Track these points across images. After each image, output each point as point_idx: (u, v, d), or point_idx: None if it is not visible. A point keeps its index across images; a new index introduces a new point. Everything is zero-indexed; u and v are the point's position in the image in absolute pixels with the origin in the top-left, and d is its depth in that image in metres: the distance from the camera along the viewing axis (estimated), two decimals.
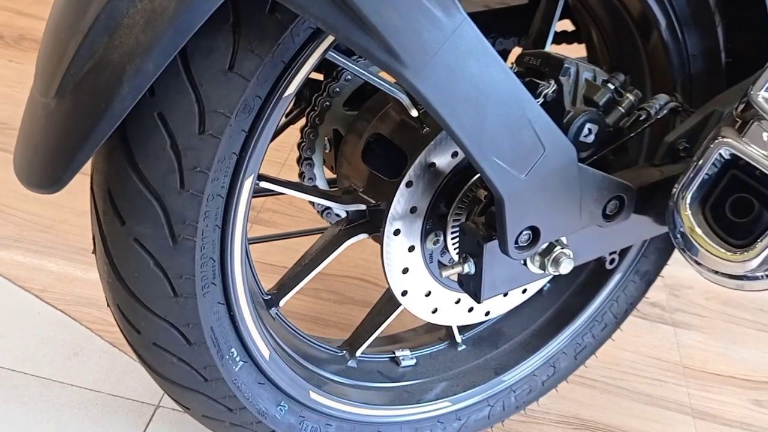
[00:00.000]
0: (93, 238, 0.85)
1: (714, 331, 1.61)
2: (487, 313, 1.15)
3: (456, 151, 0.97)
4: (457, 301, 1.11)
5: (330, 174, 1.17)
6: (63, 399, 1.23)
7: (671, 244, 0.89)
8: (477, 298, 0.94)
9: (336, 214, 1.17)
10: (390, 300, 1.12)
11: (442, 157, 0.96)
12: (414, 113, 0.97)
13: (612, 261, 1.17)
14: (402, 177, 0.96)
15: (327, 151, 1.13)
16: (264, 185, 0.97)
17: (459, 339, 1.24)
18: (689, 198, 0.85)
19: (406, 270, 1.03)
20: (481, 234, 0.90)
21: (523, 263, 0.92)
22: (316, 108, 1.09)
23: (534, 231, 0.87)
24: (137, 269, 0.83)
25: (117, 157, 0.77)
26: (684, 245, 0.86)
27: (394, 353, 1.20)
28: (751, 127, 0.80)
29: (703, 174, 0.84)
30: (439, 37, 0.70)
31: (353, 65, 0.92)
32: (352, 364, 1.14)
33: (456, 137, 0.77)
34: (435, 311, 1.10)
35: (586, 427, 1.36)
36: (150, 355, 0.92)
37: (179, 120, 0.75)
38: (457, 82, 0.73)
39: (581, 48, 1.23)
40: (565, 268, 0.91)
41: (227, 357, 0.93)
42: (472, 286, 0.94)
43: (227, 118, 0.76)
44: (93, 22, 0.66)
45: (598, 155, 0.93)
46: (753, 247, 0.81)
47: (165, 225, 0.80)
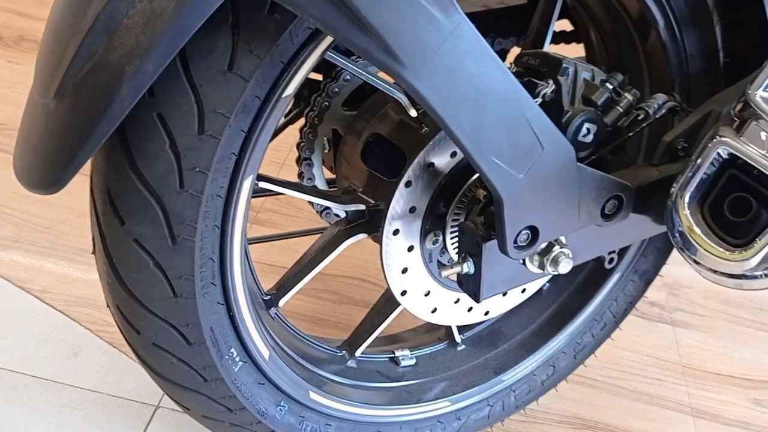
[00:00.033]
0: (92, 238, 0.85)
1: (713, 331, 1.61)
2: (487, 313, 1.15)
3: (455, 151, 0.97)
4: (457, 301, 1.11)
5: (329, 174, 1.17)
6: (63, 400, 1.23)
7: (670, 243, 0.89)
8: (476, 297, 0.94)
9: (335, 214, 1.17)
10: (389, 300, 1.12)
11: (441, 157, 0.96)
12: (413, 113, 0.97)
13: (611, 260, 1.16)
14: (401, 177, 0.96)
15: (326, 151, 1.13)
16: (263, 185, 0.97)
17: (458, 339, 1.24)
18: (688, 197, 0.85)
19: (405, 270, 1.03)
20: (480, 234, 0.90)
21: (522, 263, 0.92)
22: (315, 108, 1.08)
23: (533, 230, 0.87)
24: (137, 270, 0.83)
25: (116, 158, 0.77)
26: (682, 244, 0.86)
27: (393, 353, 1.20)
28: (749, 127, 0.81)
29: (702, 173, 0.84)
30: (438, 38, 0.70)
31: (352, 65, 0.92)
32: (351, 364, 1.14)
33: (455, 137, 0.77)
34: (434, 311, 1.10)
35: (585, 427, 1.36)
36: (150, 356, 0.92)
37: (178, 120, 0.75)
38: (456, 82, 0.73)
39: (580, 48, 1.23)
40: (564, 267, 0.91)
41: (227, 357, 0.93)
42: (471, 285, 0.94)
43: (226, 118, 0.76)
44: (92, 23, 0.66)
45: (596, 155, 0.93)
46: (751, 246, 0.82)
47: (164, 225, 0.80)
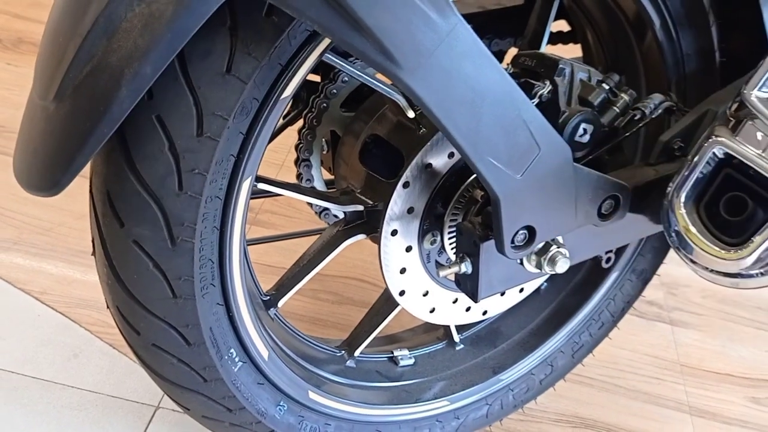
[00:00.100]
0: (92, 240, 0.86)
1: (711, 330, 1.61)
2: (485, 313, 1.15)
3: (452, 152, 0.97)
4: (455, 301, 1.11)
5: (328, 175, 1.17)
6: (63, 401, 1.23)
7: (667, 242, 0.90)
8: (474, 297, 0.94)
9: (334, 215, 1.17)
10: (388, 300, 1.12)
11: (438, 158, 0.97)
12: (411, 114, 0.97)
13: (608, 260, 1.17)
14: (399, 178, 0.96)
15: (324, 153, 1.13)
16: (262, 186, 0.98)
17: (457, 338, 1.24)
18: (684, 197, 0.85)
19: (403, 270, 1.03)
20: (478, 234, 0.90)
21: (520, 263, 0.93)
22: (313, 110, 1.09)
23: (530, 230, 0.88)
24: (136, 271, 0.83)
25: (116, 160, 0.77)
26: (679, 244, 0.86)
27: (392, 353, 1.20)
28: (745, 126, 0.81)
29: (698, 173, 0.84)
30: (435, 39, 0.71)
31: (350, 67, 0.92)
32: (350, 364, 1.15)
33: (451, 138, 0.77)
34: (433, 311, 1.10)
35: (584, 426, 1.36)
36: (149, 356, 0.92)
37: (177, 122, 0.75)
38: (453, 83, 0.73)
39: (577, 48, 1.24)
40: (562, 267, 0.92)
41: (226, 357, 0.94)
42: (469, 285, 0.95)
43: (225, 120, 0.76)
44: (91, 25, 0.66)
45: (593, 155, 0.93)
46: (747, 245, 0.82)
47: (164, 227, 0.80)
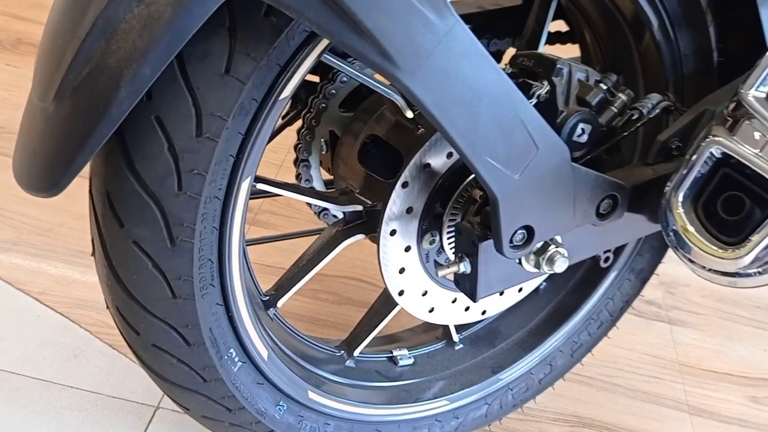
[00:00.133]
0: (92, 240, 0.86)
1: (710, 329, 1.61)
2: (484, 312, 1.15)
3: (451, 152, 0.97)
4: (454, 301, 1.11)
5: (327, 175, 1.17)
6: (63, 401, 1.23)
7: (665, 242, 0.90)
8: (473, 297, 0.95)
9: (333, 215, 1.18)
10: (387, 300, 1.12)
11: (437, 158, 0.97)
12: (409, 114, 0.97)
13: (606, 259, 1.17)
14: (398, 178, 0.96)
15: (323, 153, 1.13)
16: (261, 187, 0.98)
17: (456, 338, 1.24)
18: (681, 196, 0.85)
19: (402, 270, 1.04)
20: (477, 233, 0.90)
21: (518, 262, 0.93)
22: (312, 110, 1.09)
23: (528, 230, 0.88)
24: (136, 271, 0.83)
25: (115, 160, 0.77)
26: (677, 243, 0.87)
27: (391, 353, 1.21)
28: (742, 126, 0.81)
29: (695, 172, 0.85)
30: (432, 40, 0.71)
31: (348, 67, 0.92)
32: (350, 363, 1.15)
33: (450, 138, 0.77)
34: (432, 311, 1.10)
35: (583, 425, 1.36)
36: (149, 357, 0.92)
37: (176, 123, 0.75)
38: (451, 84, 0.74)
39: (575, 48, 1.24)
40: (560, 266, 0.92)
41: (226, 357, 0.94)
42: (468, 285, 0.95)
43: (224, 121, 0.76)
44: (90, 27, 0.66)
45: (591, 155, 0.94)
46: (745, 245, 0.82)
47: (163, 227, 0.80)
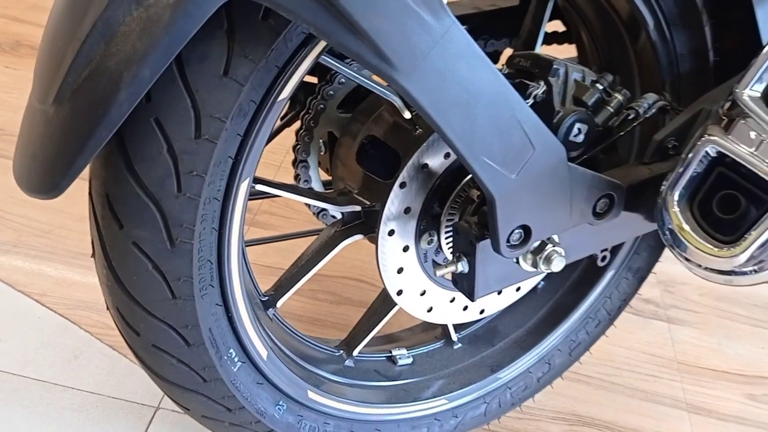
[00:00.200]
0: (92, 242, 0.86)
1: (708, 327, 1.61)
2: (482, 312, 1.16)
3: (448, 152, 0.98)
4: (452, 300, 1.11)
5: (325, 176, 1.18)
6: (64, 402, 1.24)
7: (662, 240, 0.91)
8: (471, 296, 0.95)
9: (332, 215, 1.18)
10: (386, 300, 1.13)
11: (434, 158, 0.97)
12: (407, 115, 0.97)
13: (603, 258, 1.17)
14: (396, 178, 0.97)
15: (322, 154, 1.14)
16: (260, 188, 0.98)
17: (455, 337, 1.25)
18: (677, 195, 0.86)
19: (401, 270, 1.04)
20: (474, 233, 0.91)
21: (516, 261, 0.93)
22: (310, 111, 1.09)
23: (525, 230, 0.88)
24: (136, 272, 0.84)
25: (115, 162, 0.77)
26: (673, 242, 0.87)
27: (390, 352, 1.21)
28: (737, 125, 0.81)
29: (691, 171, 0.85)
30: (429, 41, 0.71)
31: (346, 68, 0.93)
32: (349, 363, 1.15)
33: (447, 139, 0.78)
34: (430, 310, 1.11)
35: (581, 423, 1.36)
36: (149, 357, 0.93)
37: (175, 125, 0.76)
38: (447, 84, 0.74)
39: (573, 48, 1.24)
40: (557, 265, 0.92)
41: (226, 358, 0.94)
42: (466, 284, 0.95)
43: (223, 122, 0.77)
44: (90, 30, 0.67)
45: (588, 154, 0.94)
46: (740, 243, 0.82)
47: (163, 228, 0.81)
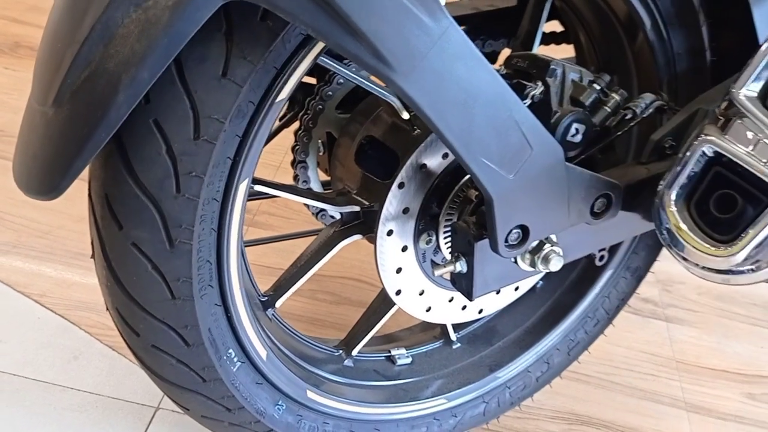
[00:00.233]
0: (91, 242, 0.86)
1: (707, 326, 1.62)
2: (481, 311, 1.16)
3: (446, 153, 0.98)
4: (451, 300, 1.12)
5: (324, 176, 1.18)
6: (64, 402, 1.24)
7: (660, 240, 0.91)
8: (469, 295, 0.95)
9: (330, 215, 1.18)
10: (385, 299, 1.13)
11: (433, 159, 0.98)
12: (405, 116, 0.98)
13: (601, 258, 1.17)
14: (394, 178, 0.97)
15: (321, 154, 1.14)
16: (259, 188, 0.99)
17: (454, 337, 1.25)
18: (674, 195, 0.86)
19: (399, 270, 1.04)
20: (472, 233, 0.91)
21: (514, 261, 0.93)
22: (309, 111, 1.09)
23: (523, 229, 0.88)
24: (135, 273, 0.84)
25: (114, 164, 0.78)
26: (670, 241, 0.87)
27: (389, 352, 1.21)
28: (734, 125, 0.82)
29: (688, 171, 0.85)
30: (427, 42, 0.72)
31: (344, 69, 0.93)
32: (348, 363, 1.15)
33: (445, 139, 0.78)
34: (429, 310, 1.11)
35: (580, 422, 1.37)
36: (149, 357, 0.93)
37: (174, 126, 0.76)
38: (445, 85, 0.74)
39: (571, 48, 1.25)
40: (555, 265, 0.93)
41: (225, 358, 0.94)
42: (464, 284, 0.95)
43: (221, 123, 0.77)
44: (89, 32, 0.67)
45: (585, 154, 0.94)
46: (737, 242, 0.82)
47: (162, 229, 0.81)
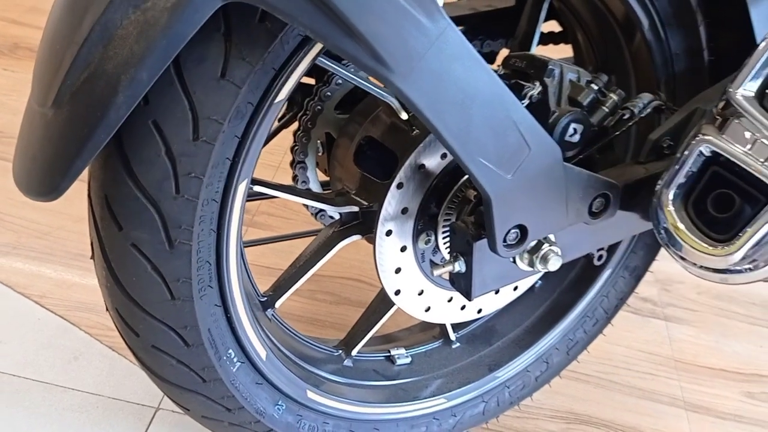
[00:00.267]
0: (91, 243, 0.86)
1: (705, 325, 1.62)
2: (480, 311, 1.16)
3: (445, 153, 0.98)
4: (450, 300, 1.12)
5: (323, 177, 1.18)
6: (64, 403, 1.24)
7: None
8: (468, 295, 0.95)
9: (330, 216, 1.18)
10: (384, 299, 1.13)
11: (431, 159, 0.98)
12: (404, 116, 0.98)
13: (600, 257, 1.18)
14: (393, 179, 0.97)
15: (320, 154, 1.14)
16: (258, 189, 0.99)
17: (453, 337, 1.25)
18: (672, 194, 0.86)
19: (398, 270, 1.05)
20: (471, 233, 0.91)
21: (512, 261, 0.94)
22: (308, 112, 1.10)
23: (522, 229, 0.89)
24: (135, 273, 0.84)
25: (113, 165, 0.78)
26: (668, 241, 0.87)
27: (389, 352, 1.22)
28: (731, 125, 0.82)
29: (686, 171, 0.85)
30: (425, 43, 0.72)
31: (343, 70, 0.93)
32: (348, 363, 1.16)
33: (443, 139, 0.78)
34: (428, 310, 1.11)
35: (579, 422, 1.37)
36: (149, 358, 0.93)
37: (173, 127, 0.76)
38: (443, 86, 0.74)
39: (569, 48, 1.25)
40: (554, 265, 0.93)
41: (225, 358, 0.95)
42: (463, 284, 0.96)
43: (220, 124, 0.77)
44: (88, 33, 0.67)
45: (583, 154, 0.94)
46: (734, 241, 0.83)
47: (161, 230, 0.81)
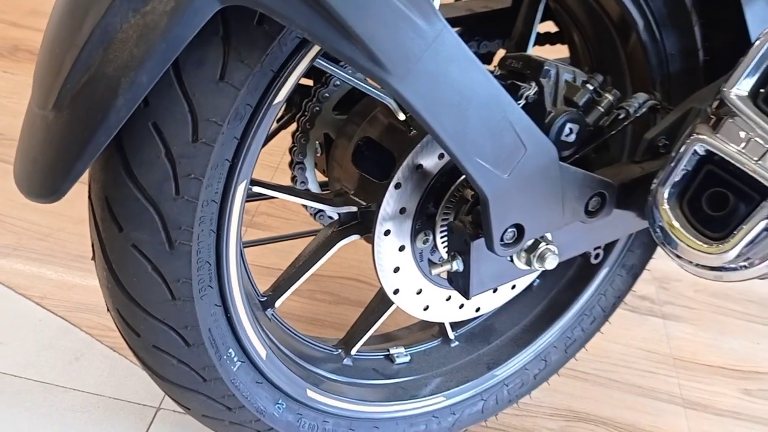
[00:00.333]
0: (92, 244, 0.87)
1: (703, 323, 1.63)
2: (478, 310, 1.17)
3: (442, 153, 0.99)
4: (448, 299, 1.13)
5: (322, 177, 1.19)
6: (66, 403, 1.25)
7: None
8: (466, 294, 0.96)
9: (328, 216, 1.19)
10: (383, 299, 1.14)
11: (429, 159, 0.98)
12: (401, 117, 0.98)
13: (597, 256, 1.18)
14: (391, 179, 0.98)
15: (318, 155, 1.15)
16: (257, 190, 0.99)
17: (452, 335, 1.26)
18: (667, 193, 0.87)
19: (397, 269, 1.05)
20: (468, 232, 0.92)
21: (510, 260, 0.94)
22: (306, 113, 1.10)
23: (518, 228, 0.89)
24: (135, 274, 0.85)
25: (114, 166, 0.79)
26: (663, 239, 0.88)
27: (388, 351, 1.22)
28: (725, 124, 0.82)
29: (680, 170, 0.86)
30: (421, 45, 0.72)
31: (341, 71, 0.94)
32: (347, 362, 1.16)
33: (440, 140, 0.79)
34: (427, 308, 1.12)
35: (578, 419, 1.38)
36: (150, 358, 0.94)
37: (173, 129, 0.77)
38: (440, 87, 0.75)
39: (566, 49, 1.26)
40: (551, 263, 0.93)
41: (225, 357, 0.95)
42: (461, 283, 0.96)
43: (219, 126, 0.78)
44: (88, 36, 0.68)
45: (579, 154, 0.95)
46: (729, 239, 0.83)
47: (161, 231, 0.82)
